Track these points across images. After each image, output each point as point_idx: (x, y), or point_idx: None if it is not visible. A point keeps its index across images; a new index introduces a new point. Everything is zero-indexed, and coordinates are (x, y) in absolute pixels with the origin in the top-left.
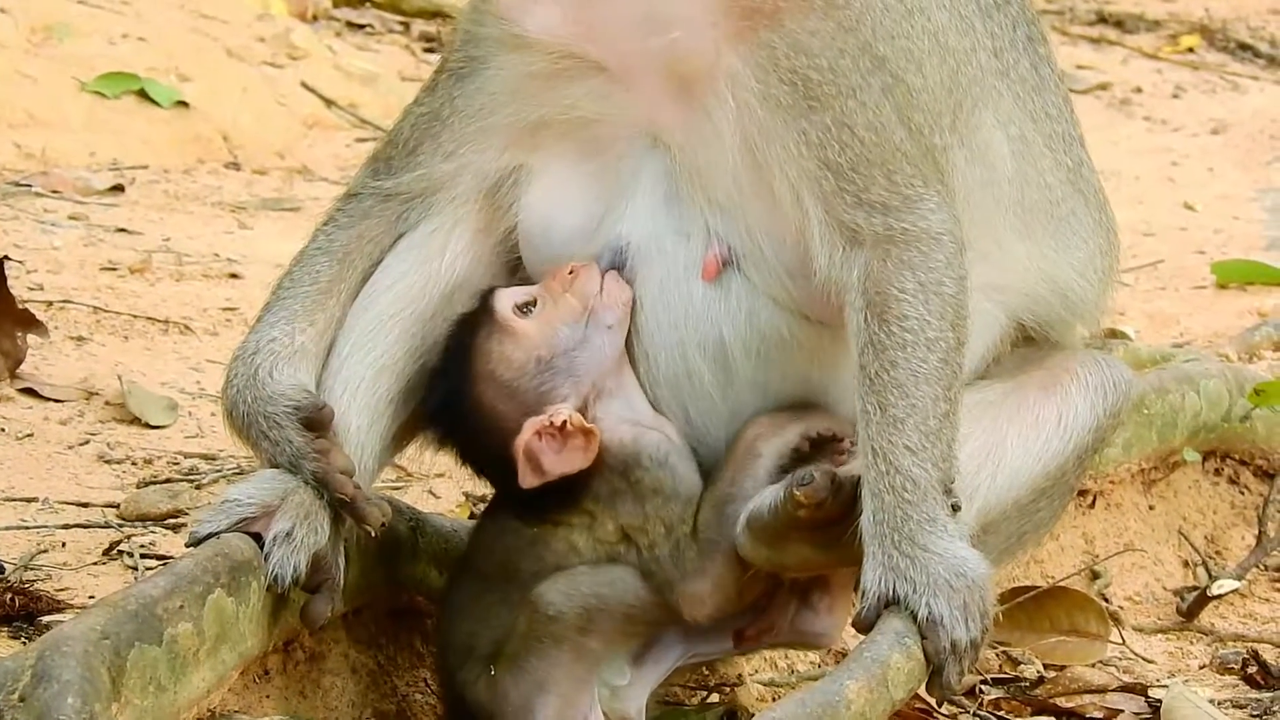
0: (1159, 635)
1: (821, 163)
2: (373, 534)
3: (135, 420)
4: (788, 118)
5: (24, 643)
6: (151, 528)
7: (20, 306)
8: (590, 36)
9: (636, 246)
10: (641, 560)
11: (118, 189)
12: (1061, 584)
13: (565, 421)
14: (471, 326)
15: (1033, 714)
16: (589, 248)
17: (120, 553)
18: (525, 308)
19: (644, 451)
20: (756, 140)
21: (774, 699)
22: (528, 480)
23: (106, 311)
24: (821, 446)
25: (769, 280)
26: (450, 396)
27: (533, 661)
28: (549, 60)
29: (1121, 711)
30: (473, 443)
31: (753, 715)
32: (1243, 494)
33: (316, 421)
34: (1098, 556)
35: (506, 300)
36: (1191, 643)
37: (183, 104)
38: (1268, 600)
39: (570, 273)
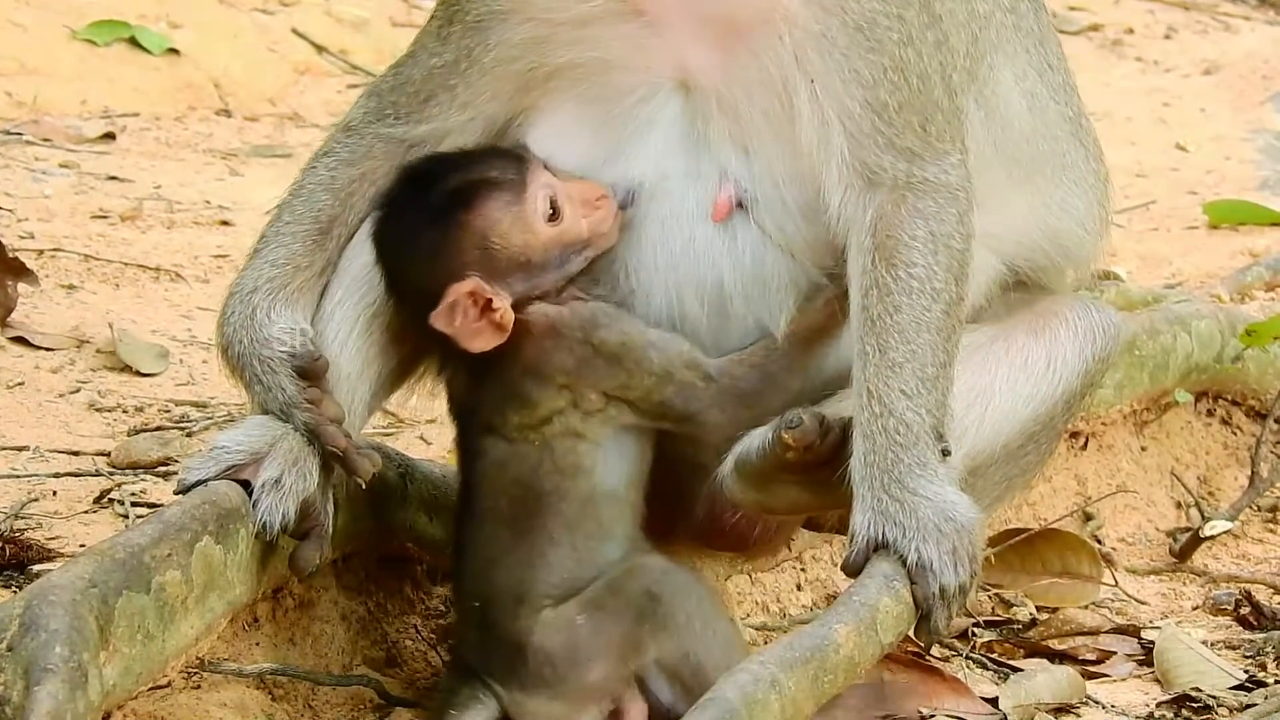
0: (1151, 577)
1: (867, 102)
2: (363, 485)
3: (126, 368)
4: (842, 58)
5: (15, 591)
6: (142, 476)
7: (11, 255)
8: None
9: (643, 184)
10: (647, 412)
11: (109, 137)
12: (1054, 526)
13: (493, 303)
14: (487, 178)
15: (1025, 656)
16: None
17: (111, 501)
18: (552, 215)
19: (596, 312)
20: (799, 80)
21: (765, 642)
22: (438, 321)
23: (97, 259)
24: None
25: (780, 224)
26: (417, 213)
27: (610, 612)
28: (592, 4)
29: (1114, 653)
30: (408, 262)
31: None
32: (1235, 435)
33: (310, 371)
34: (1090, 498)
35: (541, 195)
36: (1184, 584)
37: (174, 51)
38: (1260, 541)
39: (599, 200)
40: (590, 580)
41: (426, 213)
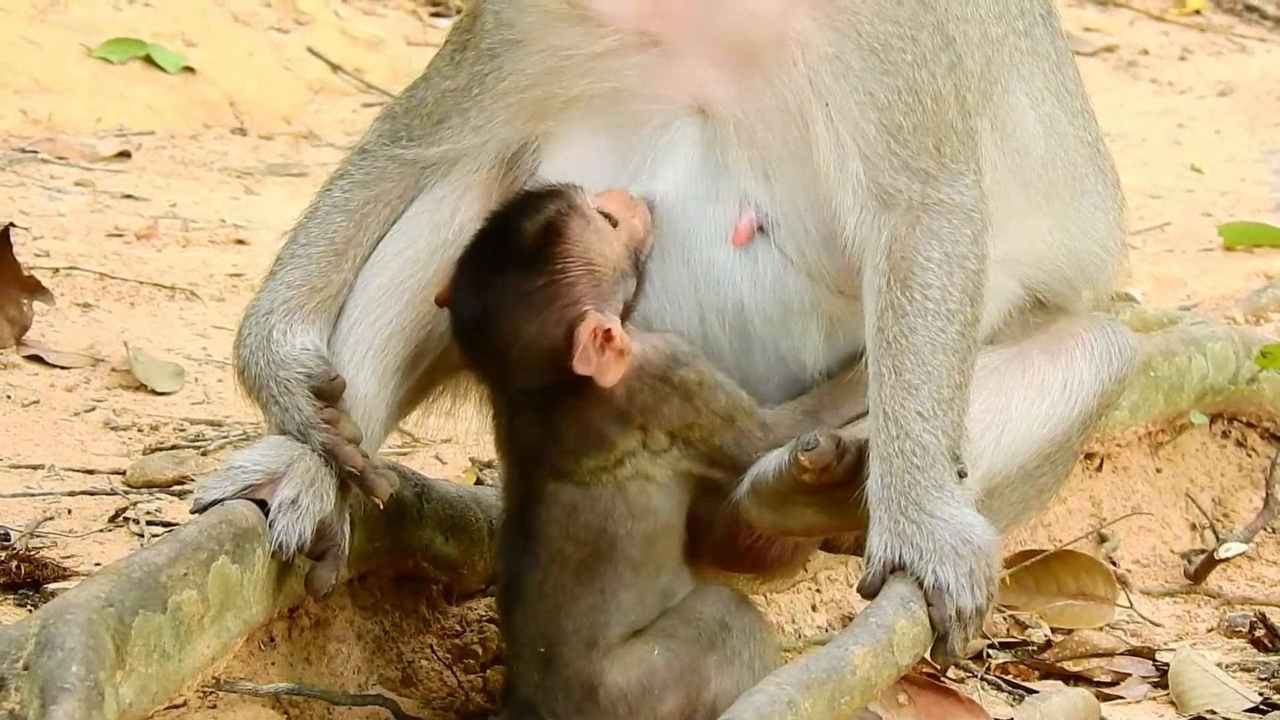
0: (1166, 598)
1: (882, 124)
2: (380, 505)
3: (141, 387)
4: (856, 80)
5: (30, 610)
6: (157, 494)
7: (26, 273)
8: (656, 9)
9: (663, 210)
10: (704, 455)
11: (124, 155)
12: (1069, 547)
13: (611, 331)
14: (551, 213)
15: (1040, 678)
16: None
17: (126, 520)
18: (613, 223)
19: (677, 350)
20: (814, 103)
21: (781, 663)
22: (581, 365)
23: (113, 278)
24: None
25: (800, 248)
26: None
27: (684, 641)
28: (607, 38)
29: (1129, 675)
30: (499, 328)
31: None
32: (1250, 456)
33: (327, 391)
34: (1105, 520)
35: (595, 208)
36: (1199, 606)
37: (189, 69)
38: (1275, 563)
39: (632, 203)
40: (653, 612)
41: (520, 267)
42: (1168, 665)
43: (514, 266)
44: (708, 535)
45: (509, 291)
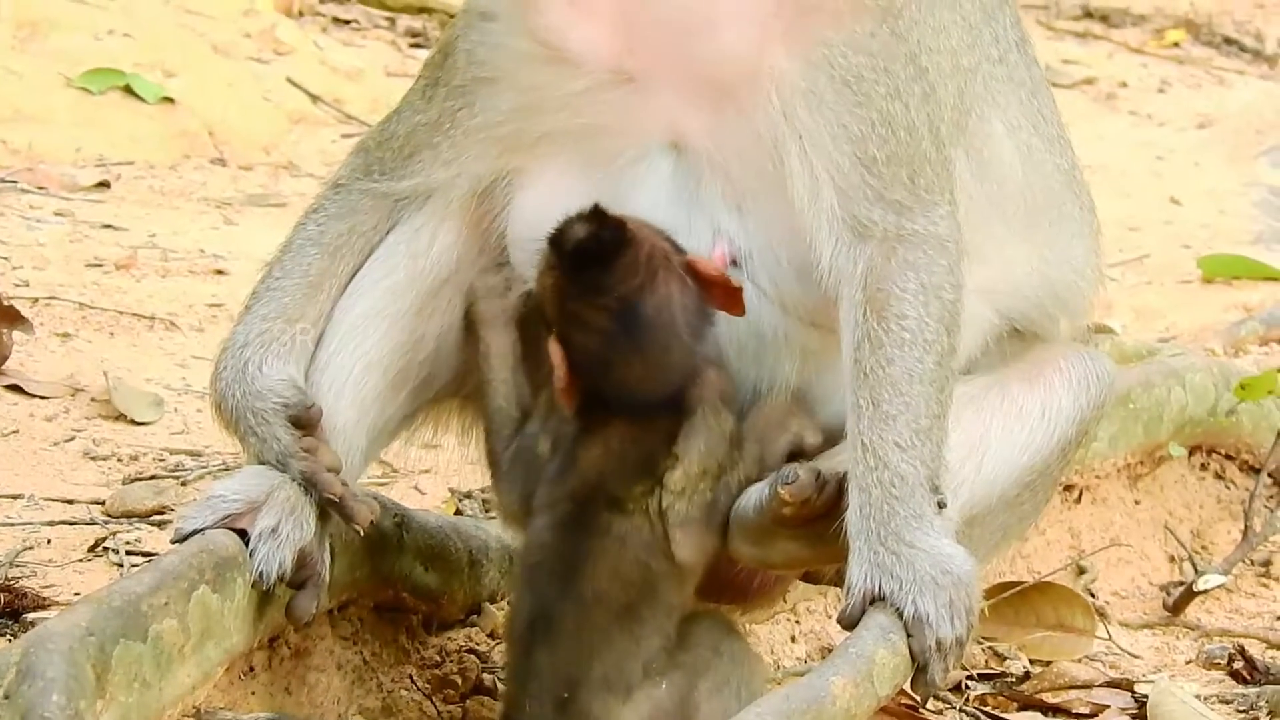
0: (1145, 630)
1: (855, 157)
2: (361, 533)
3: (120, 416)
4: (830, 113)
5: (9, 640)
6: (137, 524)
7: (5, 303)
8: (630, 48)
9: None
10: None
11: (103, 185)
12: (1047, 579)
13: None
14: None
15: (1019, 709)
16: None
17: (106, 549)
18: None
19: (726, 389)
20: (789, 136)
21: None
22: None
23: (92, 308)
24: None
25: (774, 280)
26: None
27: (683, 668)
28: (582, 78)
29: (1108, 707)
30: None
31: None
32: (1228, 489)
33: (305, 420)
34: (1084, 551)
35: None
36: (1178, 638)
37: (169, 99)
38: (1254, 595)
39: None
40: (663, 649)
41: (639, 337)
42: (1146, 697)
43: (634, 338)
44: None
45: (635, 359)
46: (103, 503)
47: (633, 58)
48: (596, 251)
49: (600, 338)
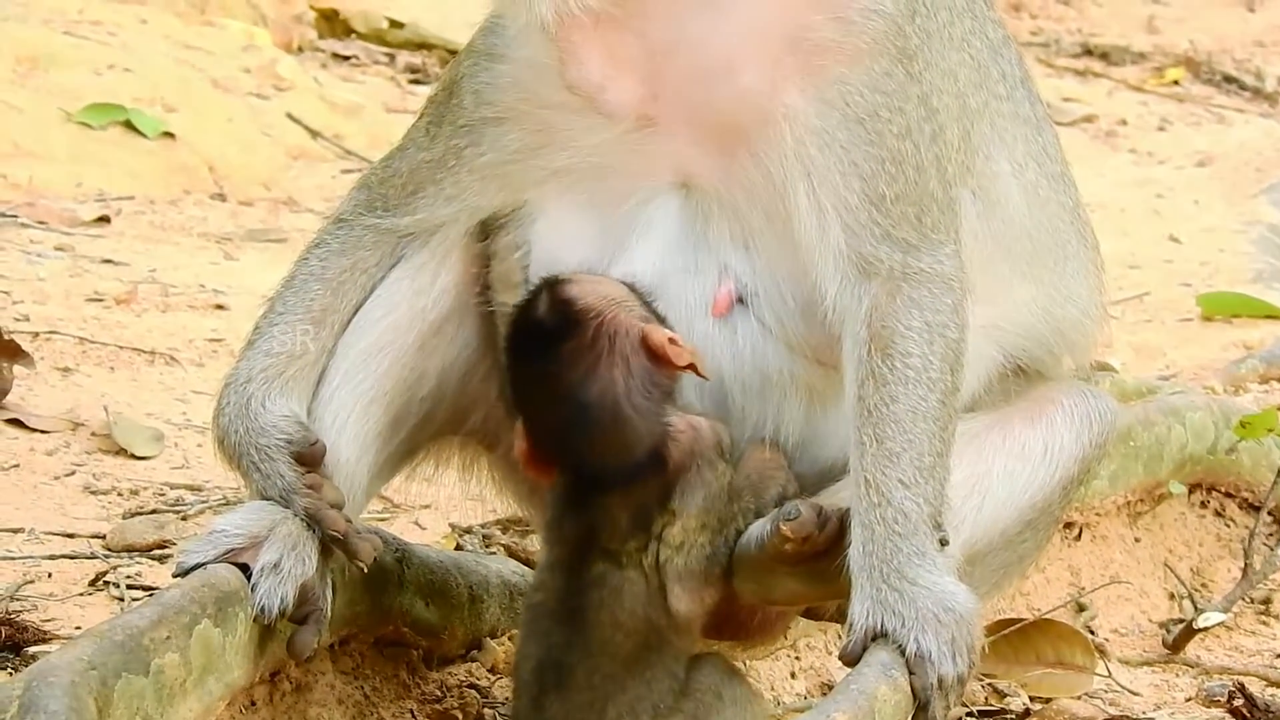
0: (1145, 668)
1: (864, 194)
2: (364, 568)
3: (121, 451)
4: (841, 151)
5: (10, 674)
6: (137, 558)
7: (6, 337)
8: (655, 95)
9: (643, 281)
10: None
11: (103, 220)
12: (1047, 616)
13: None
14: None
15: None
16: None
17: (106, 583)
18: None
19: (722, 440)
20: (799, 174)
21: None
22: (677, 359)
23: (92, 342)
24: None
25: (780, 318)
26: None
27: (684, 714)
28: (612, 126)
29: None
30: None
31: None
32: (1228, 526)
33: (308, 456)
34: (1083, 589)
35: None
36: (1177, 675)
37: (168, 135)
38: (1254, 633)
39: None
40: (671, 690)
41: (586, 418)
42: None
43: (591, 399)
44: None
45: (591, 423)
46: (103, 537)
47: (655, 104)
48: (540, 337)
49: (553, 417)
